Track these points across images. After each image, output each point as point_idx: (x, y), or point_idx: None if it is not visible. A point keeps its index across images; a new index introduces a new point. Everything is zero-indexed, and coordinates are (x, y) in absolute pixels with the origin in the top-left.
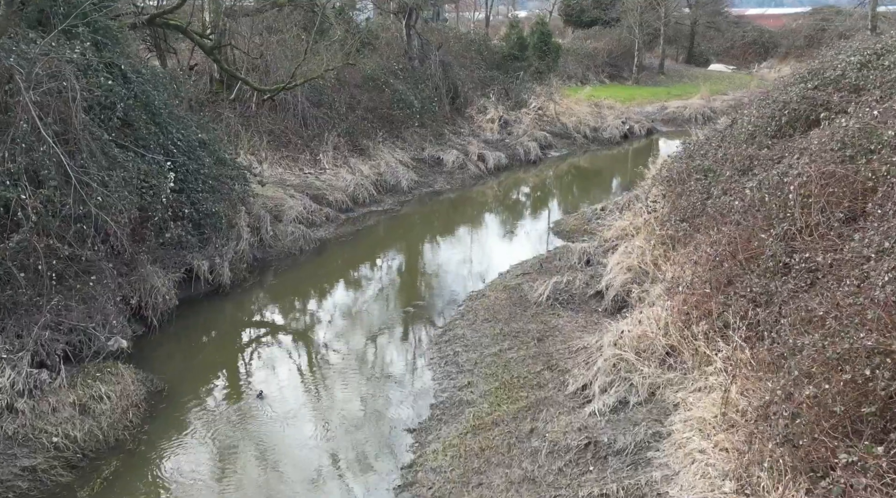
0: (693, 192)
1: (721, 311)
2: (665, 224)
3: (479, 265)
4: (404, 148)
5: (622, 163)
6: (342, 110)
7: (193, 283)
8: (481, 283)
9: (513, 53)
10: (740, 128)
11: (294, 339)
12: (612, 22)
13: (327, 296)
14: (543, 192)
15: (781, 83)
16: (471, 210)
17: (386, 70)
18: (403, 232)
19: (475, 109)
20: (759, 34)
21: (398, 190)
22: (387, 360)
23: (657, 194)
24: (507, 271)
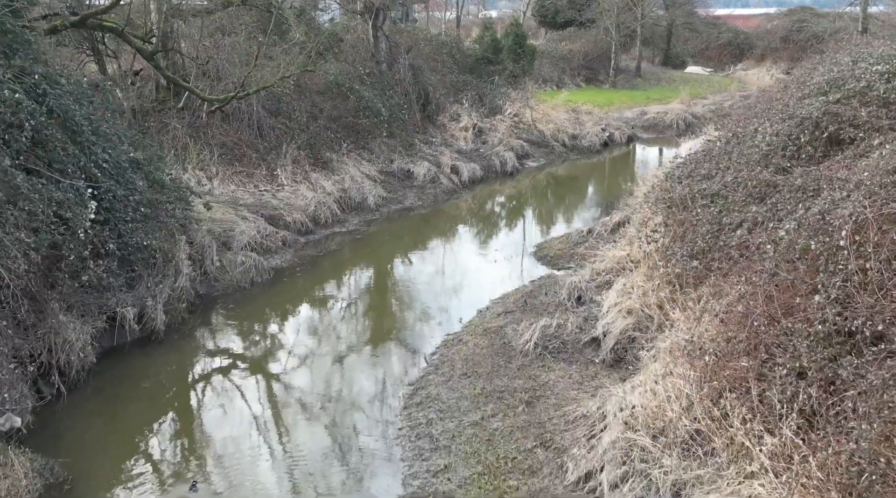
0: (701, 222)
1: (762, 389)
2: (669, 258)
3: (455, 299)
4: (371, 160)
5: (604, 174)
6: (302, 120)
7: (118, 331)
8: (458, 323)
9: (486, 56)
10: (750, 145)
11: (237, 397)
12: (588, 23)
13: (278, 341)
14: (522, 210)
15: (781, 89)
16: (444, 231)
17: (351, 75)
18: (369, 258)
19: (447, 117)
20: (733, 35)
21: (364, 208)
22: (346, 432)
23: (657, 222)
24: (486, 308)
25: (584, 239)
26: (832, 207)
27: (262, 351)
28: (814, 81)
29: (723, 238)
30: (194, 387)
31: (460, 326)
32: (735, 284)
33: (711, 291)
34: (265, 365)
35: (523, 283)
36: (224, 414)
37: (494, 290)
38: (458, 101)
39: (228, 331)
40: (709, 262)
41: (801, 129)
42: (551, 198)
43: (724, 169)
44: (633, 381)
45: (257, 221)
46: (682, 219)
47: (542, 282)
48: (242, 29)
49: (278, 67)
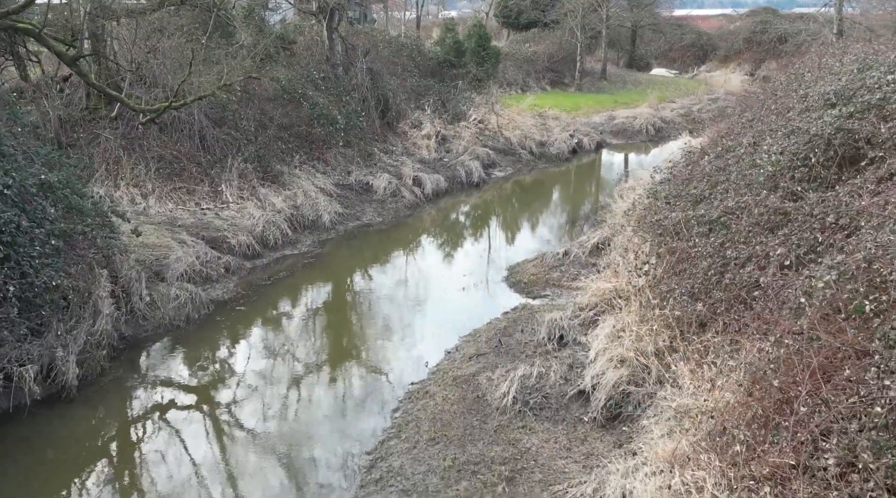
0: (700, 255)
1: (811, 494)
2: (665, 297)
3: (420, 338)
4: (326, 172)
5: (576, 184)
6: (250, 129)
7: (15, 390)
8: (423, 368)
9: (449, 59)
10: (749, 162)
11: (161, 465)
12: (552, 24)
13: (213, 395)
14: (491, 226)
15: (768, 96)
16: (406, 252)
17: (304, 80)
18: (322, 287)
19: (409, 124)
20: (696, 37)
21: (319, 226)
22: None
23: (645, 251)
24: (455, 348)
25: (559, 262)
26: (881, 252)
27: (193, 407)
28: (817, 91)
29: (729, 276)
30: (109, 453)
31: (427, 372)
32: (755, 339)
33: (724, 346)
34: (196, 426)
35: (495, 315)
36: (147, 485)
37: (464, 324)
38: (419, 106)
39: (156, 382)
40: (714, 304)
41: (810, 147)
42: (521, 212)
43: (721, 191)
44: (632, 451)
45: (197, 246)
46: (677, 249)
47: (517, 315)
48: (183, 31)
49: (222, 73)
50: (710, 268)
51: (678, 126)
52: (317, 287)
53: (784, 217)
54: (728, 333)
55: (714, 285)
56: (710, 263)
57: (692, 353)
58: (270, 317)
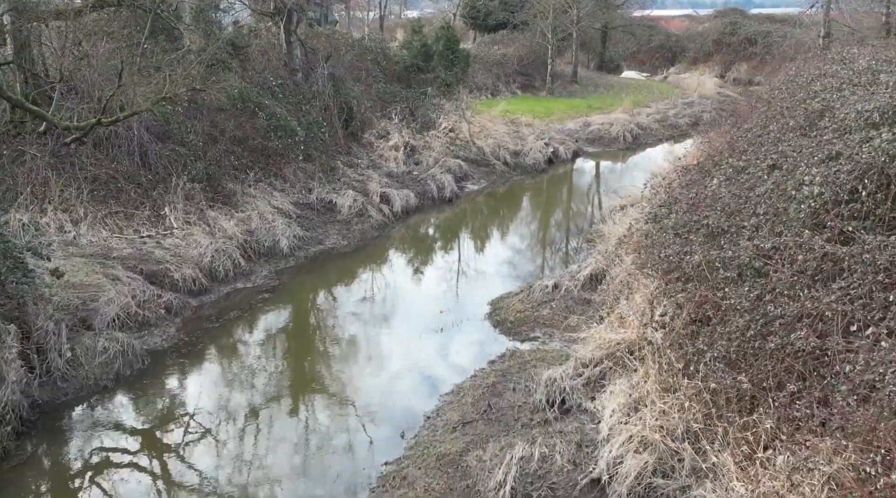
0: (733, 308)
1: None
2: (690, 360)
3: (393, 397)
4: (285, 190)
5: (556, 199)
6: (198, 144)
7: None
8: (398, 440)
9: (416, 64)
10: (779, 193)
11: None
12: (521, 26)
13: (141, 477)
14: (467, 249)
15: (765, 104)
16: (374, 282)
17: (260, 87)
18: (277, 328)
19: (375, 134)
20: (665, 38)
21: (276, 253)
22: None
23: (653, 291)
24: (436, 412)
25: (549, 296)
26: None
27: (119, 491)
28: (853, 108)
29: (776, 339)
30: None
31: (403, 447)
32: (831, 435)
33: (780, 435)
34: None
35: (480, 365)
36: None
37: (444, 378)
38: (386, 115)
39: (73, 463)
40: (759, 376)
41: (857, 177)
42: (499, 233)
43: (750, 227)
44: None
45: (133, 282)
46: (699, 297)
47: (507, 366)
48: (123, 34)
49: (164, 83)
50: (749, 327)
51: (655, 133)
52: (272, 330)
53: (836, 265)
54: (787, 420)
55: (757, 350)
56: (749, 320)
57: (737, 439)
58: (216, 370)
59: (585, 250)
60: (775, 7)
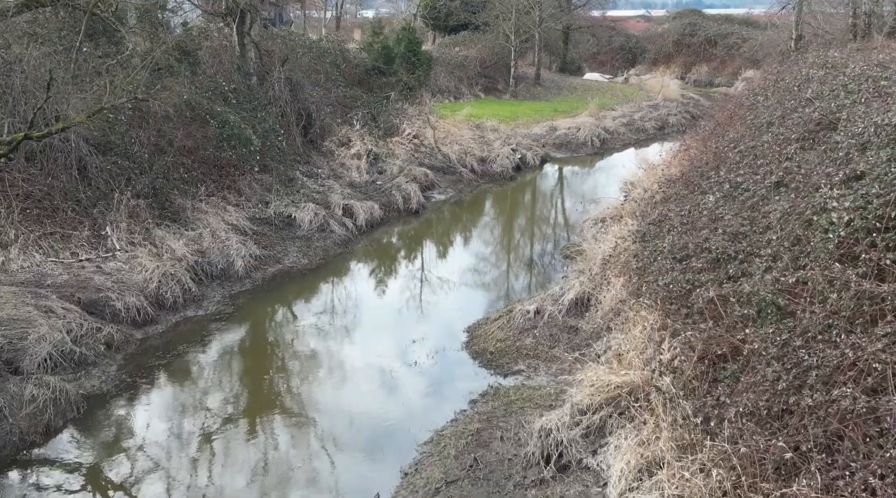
0: (757, 354)
1: None
2: (712, 416)
3: (364, 446)
4: (240, 204)
5: (527, 209)
6: (144, 156)
7: None
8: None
9: (377, 66)
10: (796, 218)
11: None
12: (482, 27)
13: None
14: (438, 267)
15: (749, 110)
16: (338, 306)
17: (211, 93)
18: (231, 364)
19: (335, 141)
20: (625, 39)
21: (231, 275)
22: None
23: (653, 323)
24: (414, 468)
25: (531, 323)
26: None
27: None
28: (873, 122)
29: (814, 395)
30: None
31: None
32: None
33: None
34: None
35: (461, 406)
36: None
37: (421, 422)
38: (347, 121)
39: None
40: (795, 437)
41: (891, 204)
42: (470, 248)
43: (767, 256)
44: None
45: (69, 314)
46: (713, 338)
47: (491, 407)
48: (61, 37)
49: (105, 89)
50: (780, 378)
51: (623, 137)
52: (225, 368)
53: (874, 304)
54: (834, 491)
55: (792, 406)
56: (778, 370)
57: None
58: (163, 419)
59: (564, 267)
60: (724, 7)
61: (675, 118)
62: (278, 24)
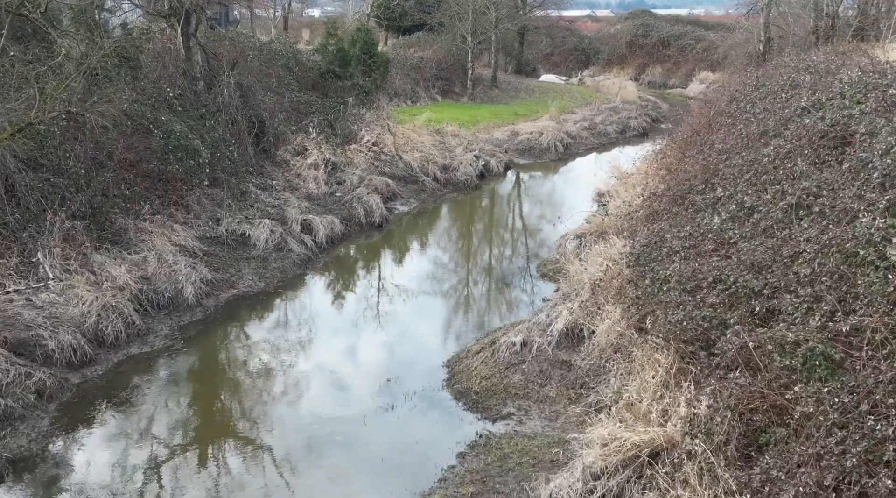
0: (812, 418)
1: None
2: (758, 489)
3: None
4: (188, 222)
5: (495, 220)
6: (80, 171)
7: None
8: None
9: (333, 70)
10: (838, 251)
11: None
12: (438, 27)
13: None
14: (407, 288)
15: (738, 117)
16: (299, 335)
17: (155, 100)
18: (179, 413)
19: (290, 150)
20: (578, 40)
21: (180, 304)
22: None
23: (677, 373)
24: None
25: (518, 357)
26: None
27: None
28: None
29: (891, 477)
30: None
31: None
32: None
33: None
34: None
35: (448, 459)
36: None
37: (404, 482)
38: (302, 128)
39: None
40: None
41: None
42: (439, 266)
43: (806, 297)
44: None
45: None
46: (749, 393)
47: (483, 463)
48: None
49: (35, 99)
50: (846, 451)
51: (585, 141)
52: (174, 417)
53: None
54: None
55: (868, 489)
56: (843, 441)
57: None
58: (102, 484)
59: (543, 287)
60: (666, 8)
61: (636, 122)
62: (224, 24)
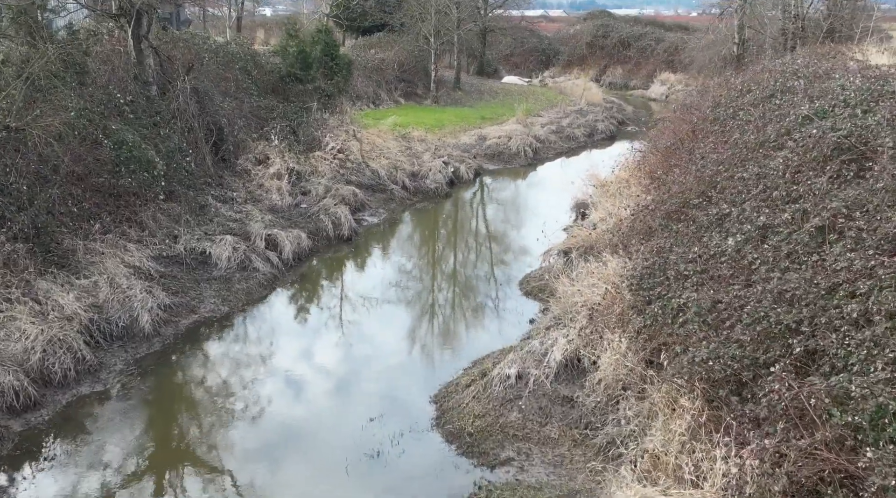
0: None
1: None
2: None
3: None
4: (143, 241)
5: (470, 232)
6: (22, 188)
7: None
8: None
9: (294, 73)
10: (889, 286)
11: None
12: (399, 28)
13: None
14: (382, 309)
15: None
16: (267, 366)
17: (104, 108)
18: (134, 464)
19: (251, 159)
20: (539, 40)
21: (135, 334)
22: None
23: (709, 422)
24: None
25: (514, 392)
26: None
27: None
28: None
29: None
30: None
31: None
32: None
33: None
34: None
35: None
36: None
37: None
38: (263, 135)
39: None
40: None
41: None
42: (414, 283)
43: (865, 342)
44: None
45: None
46: (806, 455)
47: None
48: None
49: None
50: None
51: (554, 146)
52: (128, 470)
53: None
54: None
55: None
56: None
57: None
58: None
59: (530, 306)
60: (617, 8)
61: (603, 125)
62: (176, 25)
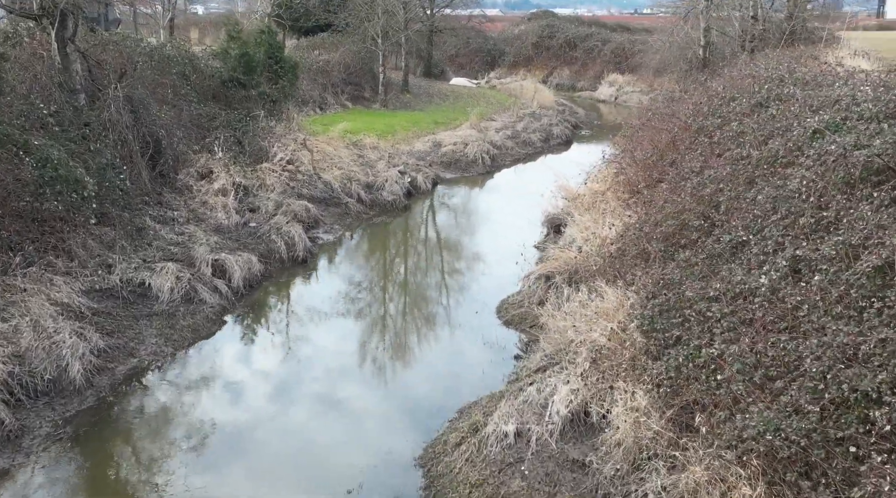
0: None
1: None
2: None
3: None
4: (72, 273)
5: (433, 249)
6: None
7: None
8: None
9: (236, 77)
10: None
11: None
12: (344, 28)
13: None
14: (347, 342)
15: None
16: (219, 424)
17: (25, 119)
18: None
19: (193, 174)
20: (484, 41)
21: (64, 388)
22: None
23: None
24: None
25: (514, 454)
26: None
27: None
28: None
29: None
30: None
31: None
32: None
33: None
34: None
35: None
36: None
37: None
38: (206, 147)
39: None
40: None
41: None
42: (380, 309)
43: None
44: None
45: None
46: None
47: None
48: None
49: None
50: None
51: (511, 152)
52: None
53: None
54: None
55: None
56: None
57: None
58: None
59: (511, 337)
60: (551, 7)
61: (558, 129)
62: (104, 25)
